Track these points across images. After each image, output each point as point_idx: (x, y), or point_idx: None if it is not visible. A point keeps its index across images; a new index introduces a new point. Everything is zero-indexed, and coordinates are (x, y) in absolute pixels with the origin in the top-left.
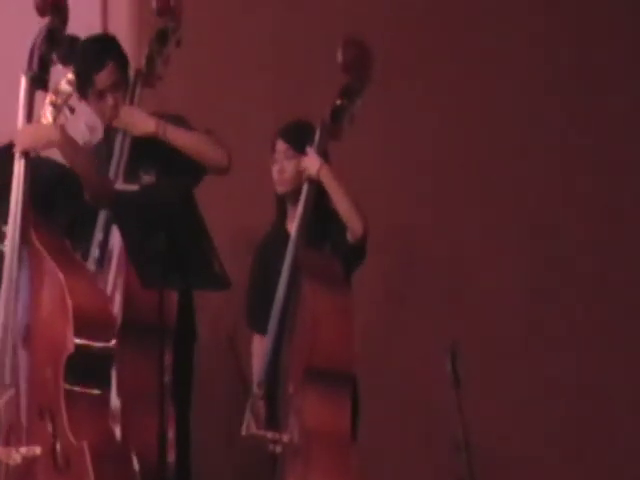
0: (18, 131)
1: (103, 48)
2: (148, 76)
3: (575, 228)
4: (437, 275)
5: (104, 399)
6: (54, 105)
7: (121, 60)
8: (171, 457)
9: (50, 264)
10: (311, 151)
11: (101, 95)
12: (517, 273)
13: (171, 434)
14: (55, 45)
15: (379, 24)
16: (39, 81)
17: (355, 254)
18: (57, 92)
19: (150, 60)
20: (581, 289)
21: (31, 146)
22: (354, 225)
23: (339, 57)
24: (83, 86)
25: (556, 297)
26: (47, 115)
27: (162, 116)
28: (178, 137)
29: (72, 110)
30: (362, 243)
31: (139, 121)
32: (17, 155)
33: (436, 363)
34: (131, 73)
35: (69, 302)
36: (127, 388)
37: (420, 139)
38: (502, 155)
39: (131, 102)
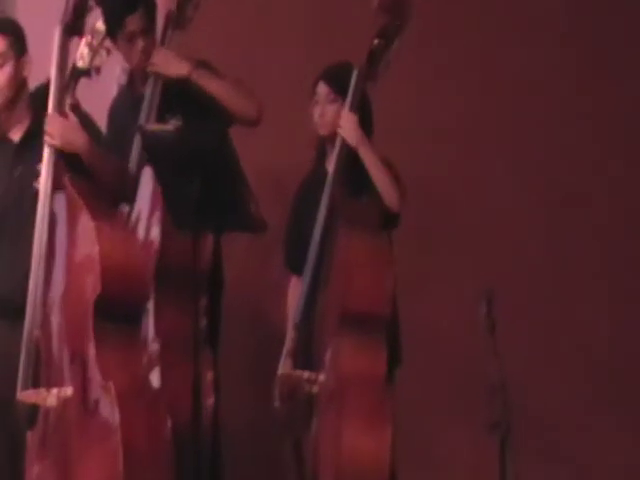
0: (51, 119)
1: None
2: (179, 19)
3: (604, 166)
4: (470, 221)
5: (135, 339)
6: (90, 46)
7: (150, 5)
8: (210, 400)
9: (82, 208)
10: (350, 116)
11: (131, 39)
12: (551, 217)
13: (210, 377)
14: None
15: None
16: (73, 28)
17: (388, 219)
18: (93, 34)
19: (181, 3)
20: (617, 228)
21: (59, 146)
22: (390, 200)
23: None
24: (113, 29)
25: (589, 239)
26: (83, 56)
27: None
28: (210, 83)
29: (108, 51)
30: (396, 215)
31: (173, 63)
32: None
33: (470, 309)
34: (160, 17)
35: (97, 246)
36: (164, 332)
37: (454, 88)
38: (535, 106)
39: (162, 45)
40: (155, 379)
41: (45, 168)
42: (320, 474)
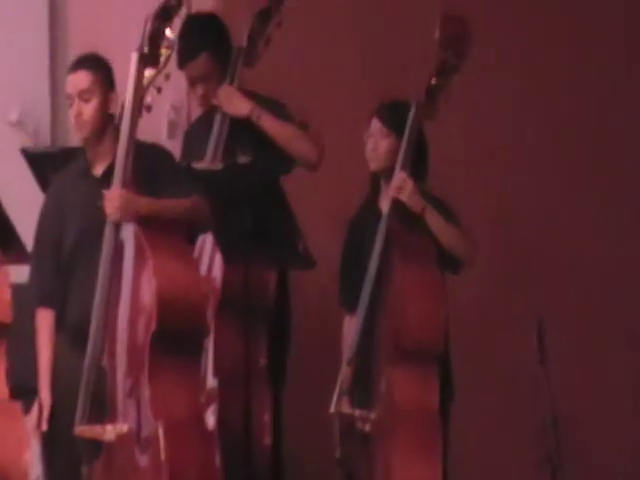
0: (107, 196)
1: (198, 37)
2: (249, 55)
3: None
4: (526, 250)
5: (191, 374)
6: None
7: (218, 48)
8: (267, 440)
9: (144, 244)
10: (408, 180)
11: (191, 83)
12: (607, 249)
13: (267, 417)
14: (167, 22)
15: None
16: (149, 58)
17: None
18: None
19: (252, 40)
20: None
21: (120, 219)
22: (465, 256)
23: (436, 33)
24: (179, 66)
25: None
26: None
27: (262, 99)
28: (270, 126)
29: (159, 90)
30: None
31: (235, 102)
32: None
33: (523, 338)
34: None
35: (155, 282)
36: (223, 368)
37: (508, 122)
38: (589, 139)
39: (231, 80)
40: (211, 416)
41: (107, 240)
42: None
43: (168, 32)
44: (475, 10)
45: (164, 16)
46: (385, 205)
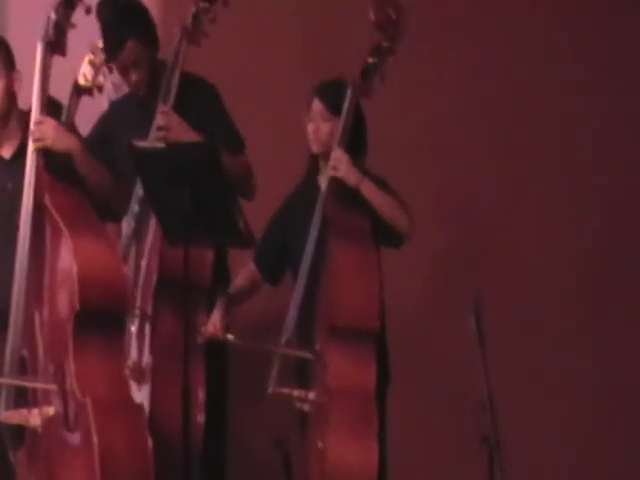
0: (42, 120)
1: (122, 26)
2: (194, 34)
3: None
4: (464, 230)
5: (115, 352)
6: (92, 64)
7: (144, 34)
8: (200, 418)
9: (61, 226)
10: (343, 156)
11: (124, 71)
12: (547, 228)
13: (201, 395)
14: (72, 9)
15: None
16: (55, 46)
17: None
18: (95, 51)
19: (196, 18)
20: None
21: (51, 145)
22: (403, 227)
23: (371, 15)
24: (108, 59)
25: (587, 259)
26: (85, 74)
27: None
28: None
29: (110, 69)
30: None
31: (183, 135)
32: (32, 149)
33: (460, 320)
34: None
35: (75, 265)
36: (159, 346)
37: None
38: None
39: (176, 60)
40: (146, 393)
41: (29, 177)
42: None
43: None
44: None
45: (67, 3)
46: (324, 184)
